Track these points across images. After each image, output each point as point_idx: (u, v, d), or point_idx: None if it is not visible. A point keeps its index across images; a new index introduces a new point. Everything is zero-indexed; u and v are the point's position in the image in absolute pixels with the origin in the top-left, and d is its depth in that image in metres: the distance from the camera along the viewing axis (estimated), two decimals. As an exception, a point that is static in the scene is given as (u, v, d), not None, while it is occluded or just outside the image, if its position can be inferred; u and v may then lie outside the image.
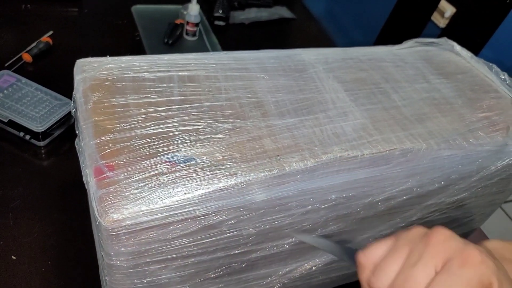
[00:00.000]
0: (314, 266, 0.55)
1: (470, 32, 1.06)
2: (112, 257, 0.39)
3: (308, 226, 0.47)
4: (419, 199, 0.53)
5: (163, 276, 0.44)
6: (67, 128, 0.77)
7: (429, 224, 0.58)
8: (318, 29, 1.30)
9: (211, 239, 0.42)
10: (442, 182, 0.51)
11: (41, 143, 0.74)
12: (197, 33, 1.08)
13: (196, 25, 1.06)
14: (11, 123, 0.73)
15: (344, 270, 0.60)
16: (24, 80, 0.79)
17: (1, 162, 0.71)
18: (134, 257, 0.40)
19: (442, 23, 1.25)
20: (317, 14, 1.33)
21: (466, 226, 0.64)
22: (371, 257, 0.34)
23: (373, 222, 0.53)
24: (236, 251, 0.46)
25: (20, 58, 0.88)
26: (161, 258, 0.41)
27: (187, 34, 1.07)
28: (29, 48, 0.91)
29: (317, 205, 0.45)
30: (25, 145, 0.74)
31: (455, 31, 1.08)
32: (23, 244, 0.62)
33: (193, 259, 0.44)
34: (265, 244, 0.47)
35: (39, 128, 0.72)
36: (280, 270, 0.53)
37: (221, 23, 1.17)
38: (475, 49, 0.94)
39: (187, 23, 1.05)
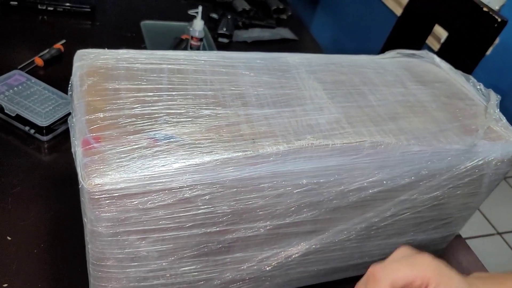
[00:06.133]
0: (291, 256, 0.57)
1: (462, 55, 1.10)
2: (94, 222, 0.43)
3: (281, 210, 0.50)
4: (391, 193, 0.55)
5: (142, 249, 0.47)
6: (70, 126, 0.81)
7: (403, 222, 0.61)
8: (319, 50, 1.35)
9: (187, 213, 0.46)
10: (413, 177, 0.54)
11: (45, 138, 0.78)
12: (201, 48, 1.13)
13: (200, 40, 1.12)
14: (18, 118, 0.78)
15: (322, 264, 0.62)
16: (33, 80, 0.84)
17: (6, 153, 0.75)
18: (114, 224, 0.43)
19: (437, 48, 1.30)
20: (321, 42, 1.39)
21: (444, 229, 0.66)
22: None
23: (347, 213, 0.55)
24: (212, 229, 0.49)
25: (33, 62, 0.94)
26: (139, 228, 0.45)
27: (191, 48, 1.13)
28: (41, 53, 0.97)
29: (289, 188, 0.49)
30: (30, 140, 0.79)
31: (448, 54, 1.12)
32: (19, 227, 0.65)
33: (170, 233, 0.47)
34: (240, 225, 0.50)
35: (43, 122, 0.77)
36: (257, 256, 0.55)
37: (225, 40, 1.23)
38: (467, 71, 0.98)
39: (192, 37, 1.11)
